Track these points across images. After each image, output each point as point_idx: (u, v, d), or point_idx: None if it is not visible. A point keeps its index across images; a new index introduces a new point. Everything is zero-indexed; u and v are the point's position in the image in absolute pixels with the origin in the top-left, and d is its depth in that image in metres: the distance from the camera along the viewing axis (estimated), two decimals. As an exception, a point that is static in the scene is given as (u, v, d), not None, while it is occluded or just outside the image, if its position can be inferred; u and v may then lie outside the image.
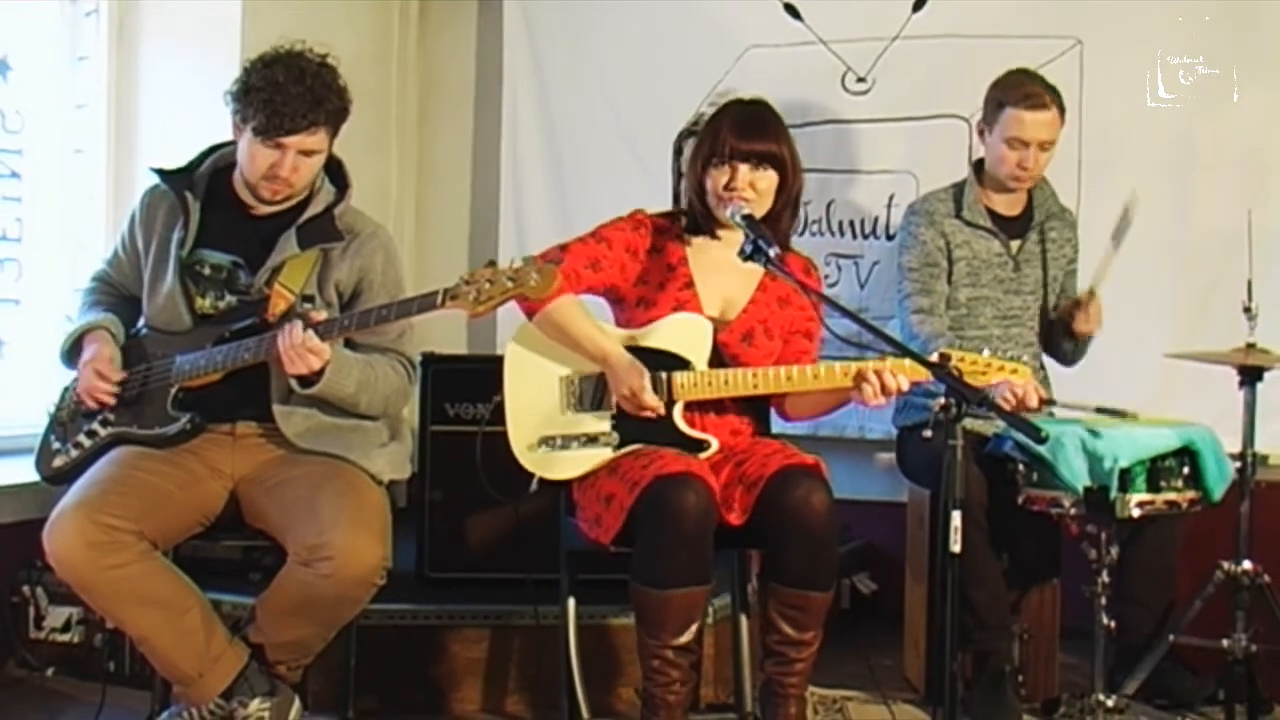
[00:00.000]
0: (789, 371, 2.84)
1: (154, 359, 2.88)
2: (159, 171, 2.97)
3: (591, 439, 2.90)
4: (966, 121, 4.02)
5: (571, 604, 3.01)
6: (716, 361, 2.92)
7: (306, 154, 2.82)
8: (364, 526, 2.69)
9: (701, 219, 3.01)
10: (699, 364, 2.89)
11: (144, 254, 2.96)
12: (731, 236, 2.92)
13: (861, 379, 2.76)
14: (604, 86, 4.54)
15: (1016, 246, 3.57)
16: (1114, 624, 3.11)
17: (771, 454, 2.82)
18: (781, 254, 2.75)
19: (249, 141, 2.80)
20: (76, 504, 2.66)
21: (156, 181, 2.97)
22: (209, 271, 2.90)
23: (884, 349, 2.73)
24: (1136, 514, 3.03)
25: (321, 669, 3.05)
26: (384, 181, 4.72)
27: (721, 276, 2.99)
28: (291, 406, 2.85)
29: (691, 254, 3.02)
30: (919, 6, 4.20)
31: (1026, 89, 3.43)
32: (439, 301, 2.62)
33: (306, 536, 2.67)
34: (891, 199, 4.22)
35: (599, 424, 2.91)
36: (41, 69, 3.88)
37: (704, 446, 2.88)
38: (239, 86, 2.81)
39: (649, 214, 3.07)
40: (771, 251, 2.68)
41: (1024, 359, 3.42)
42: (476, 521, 3.56)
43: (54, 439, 2.97)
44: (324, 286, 2.88)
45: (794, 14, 4.30)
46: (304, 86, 2.76)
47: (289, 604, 2.73)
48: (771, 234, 2.83)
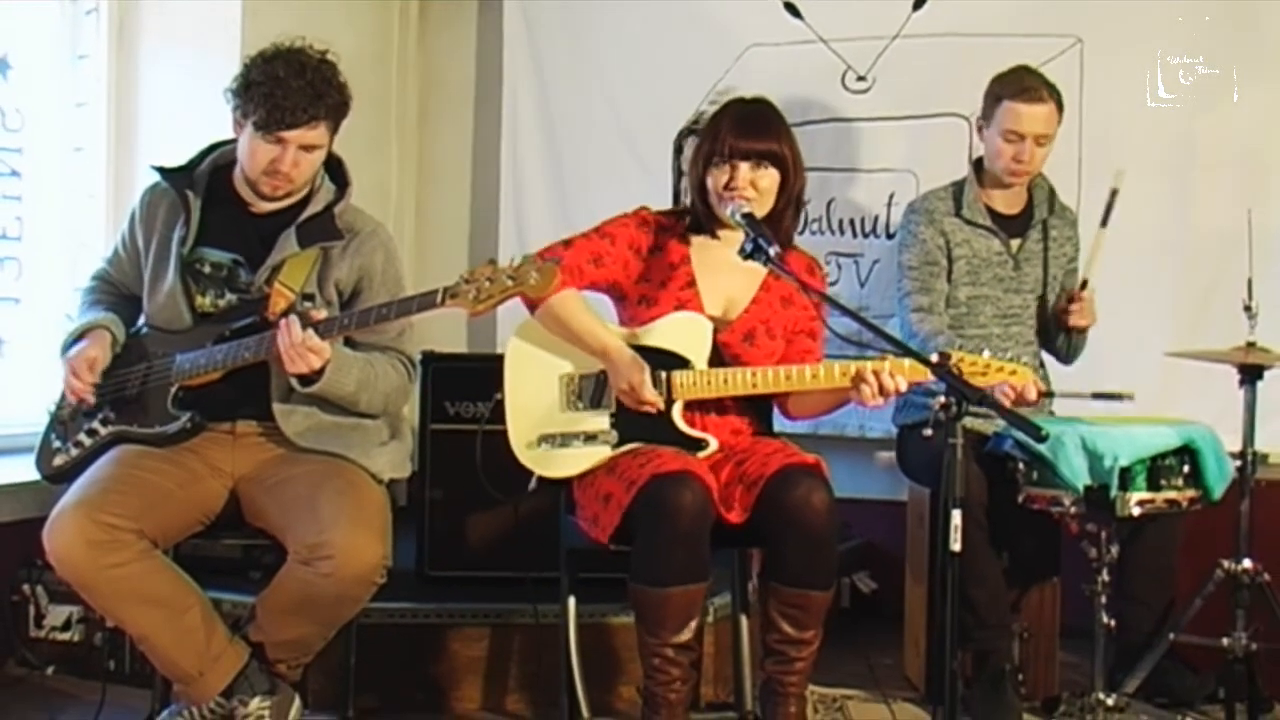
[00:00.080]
0: (788, 371, 2.84)
1: (154, 357, 2.88)
2: (159, 170, 2.96)
3: (591, 437, 2.90)
4: (967, 120, 4.01)
5: (572, 603, 3.02)
6: (717, 361, 2.91)
7: (307, 149, 2.82)
8: (364, 525, 2.69)
9: (703, 218, 3.01)
10: (699, 363, 2.89)
11: (144, 252, 2.96)
12: (733, 236, 2.90)
13: (860, 380, 2.75)
14: (604, 86, 4.54)
15: (1016, 245, 3.57)
16: (1114, 622, 3.11)
17: (772, 453, 2.82)
18: (783, 253, 2.75)
19: (250, 136, 2.80)
20: (77, 503, 2.66)
21: (157, 180, 2.97)
22: (209, 270, 2.90)
23: (884, 348, 2.73)
24: (1136, 512, 3.03)
25: (322, 667, 3.05)
26: (384, 181, 4.71)
27: (724, 276, 2.98)
28: (291, 405, 2.85)
29: (694, 253, 3.01)
30: (919, 5, 4.19)
31: (1024, 83, 3.43)
32: (439, 300, 2.62)
33: (307, 535, 2.67)
34: (892, 198, 4.21)
35: (598, 422, 2.91)
36: (41, 67, 3.87)
37: (703, 445, 2.88)
38: (239, 82, 2.81)
39: (654, 211, 3.07)
40: (772, 250, 2.67)
41: (1024, 359, 3.43)
42: (476, 520, 3.57)
43: (54, 438, 2.97)
44: (324, 285, 2.88)
45: (794, 13, 4.30)
46: (305, 81, 2.76)
47: (289, 603, 2.73)
48: (773, 232, 2.82)
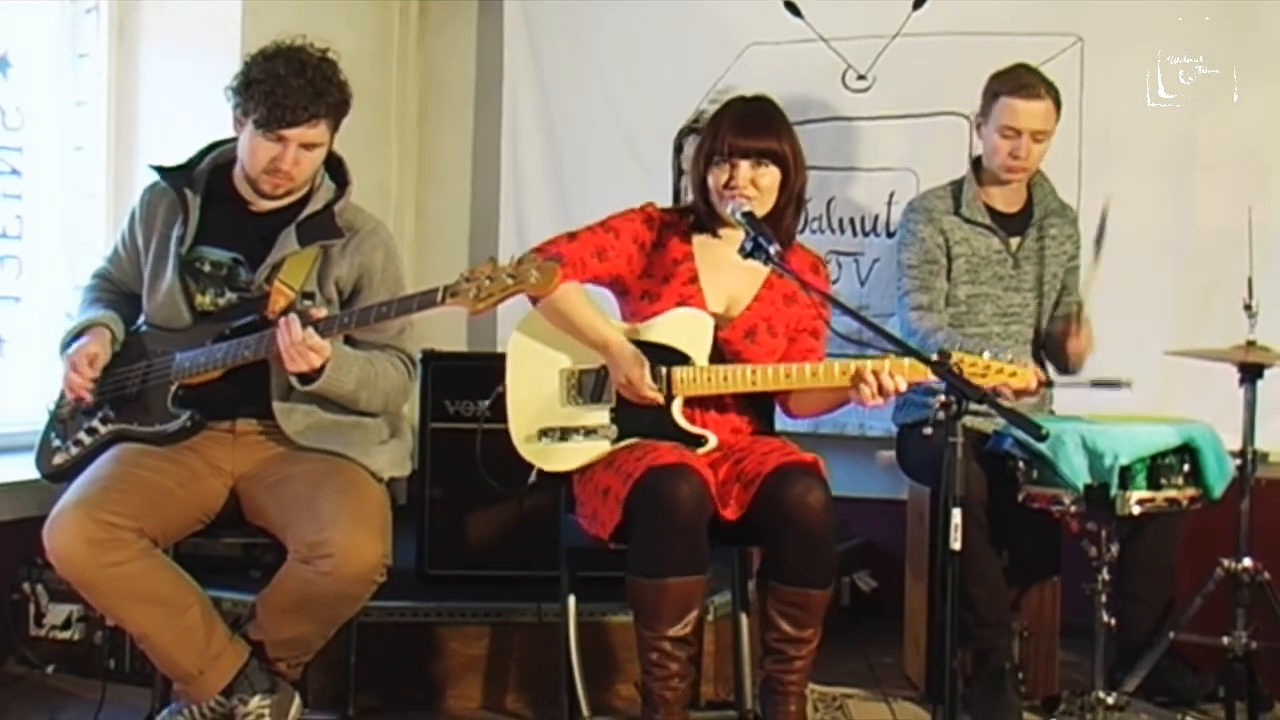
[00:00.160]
0: (787, 369, 2.84)
1: (154, 356, 2.88)
2: (159, 169, 2.96)
3: (590, 431, 2.90)
4: (967, 119, 4.00)
5: (572, 601, 3.02)
6: (718, 358, 2.91)
7: (308, 147, 2.82)
8: (364, 524, 2.69)
9: (705, 217, 3.01)
10: (699, 359, 2.89)
11: (144, 251, 2.96)
12: (735, 234, 2.89)
13: (859, 379, 2.75)
14: (604, 85, 4.53)
15: (1016, 244, 3.56)
16: (1114, 621, 3.11)
17: (769, 452, 2.82)
18: (783, 251, 2.75)
19: (250, 135, 2.80)
20: (76, 501, 2.66)
21: (156, 179, 2.97)
22: (209, 268, 2.89)
23: (885, 346, 2.73)
24: (1137, 511, 3.03)
25: (322, 666, 3.05)
26: (384, 180, 4.71)
27: (727, 273, 2.98)
28: (291, 404, 2.85)
29: (698, 250, 3.01)
30: (919, 4, 4.19)
31: (1021, 79, 3.44)
32: (439, 299, 2.62)
33: (306, 534, 2.66)
34: (892, 196, 4.21)
35: (598, 417, 2.91)
36: (42, 66, 3.87)
37: (702, 442, 2.88)
38: (240, 80, 2.81)
39: (659, 208, 3.07)
40: (772, 249, 2.67)
41: (1024, 357, 3.43)
42: (476, 519, 3.57)
43: (54, 436, 2.97)
44: (324, 283, 2.88)
45: (794, 11, 4.30)
46: (305, 79, 2.76)
47: (289, 601, 2.73)
48: (774, 231, 2.82)
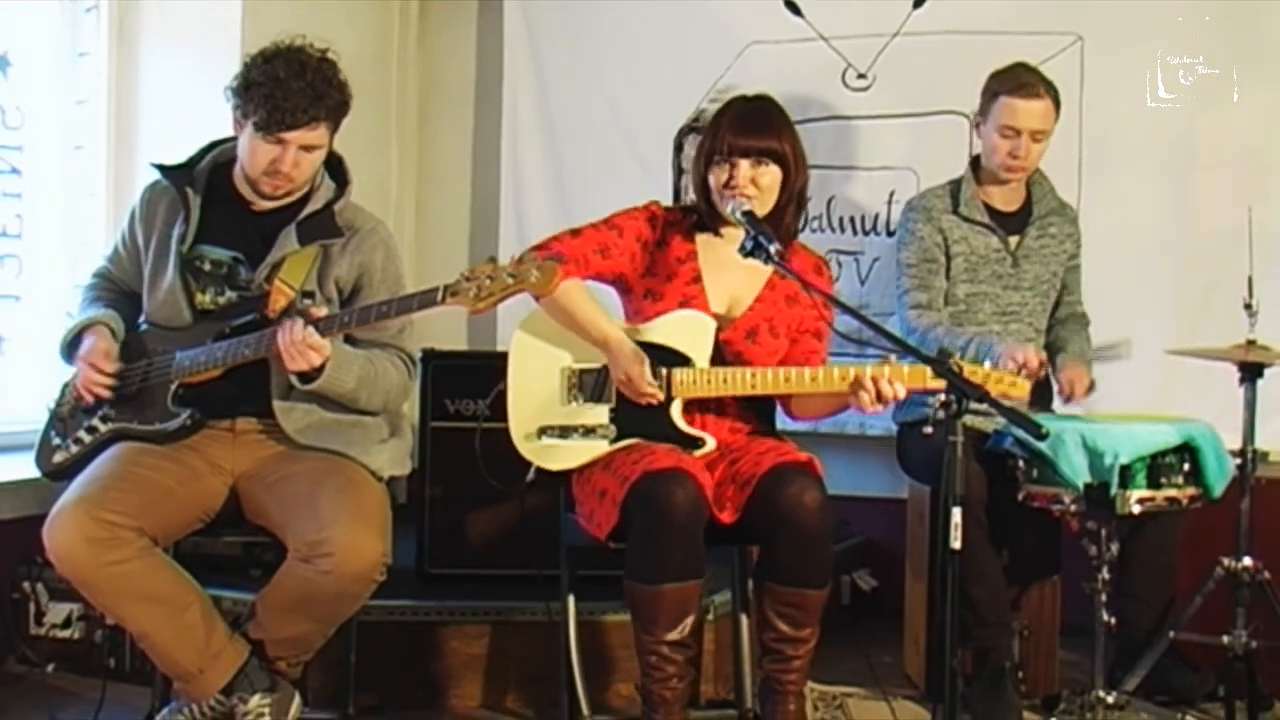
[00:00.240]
0: (787, 373, 2.84)
1: (154, 355, 2.88)
2: (159, 167, 2.96)
3: (589, 430, 2.90)
4: (967, 118, 3.99)
5: (572, 600, 3.02)
6: (719, 358, 2.91)
7: (308, 149, 2.81)
8: (364, 522, 2.69)
9: (706, 216, 3.01)
10: (700, 361, 2.89)
11: (144, 250, 2.96)
12: (737, 234, 2.87)
13: (858, 386, 2.75)
14: (604, 84, 4.53)
15: (1015, 242, 3.56)
16: (1114, 620, 3.11)
17: (765, 452, 2.82)
18: (784, 250, 2.74)
19: (250, 137, 2.80)
20: (77, 500, 2.66)
21: (157, 177, 2.97)
22: (209, 267, 2.89)
23: (885, 345, 2.73)
24: (1137, 510, 3.03)
25: (322, 665, 3.05)
26: (384, 180, 4.71)
27: (729, 273, 2.98)
28: (292, 402, 2.85)
29: (701, 250, 3.01)
30: (919, 3, 4.18)
31: (1021, 78, 3.44)
32: (439, 298, 2.62)
33: (306, 532, 2.67)
34: (892, 195, 4.20)
35: (598, 416, 2.91)
36: (42, 65, 3.87)
37: (700, 444, 2.88)
38: (239, 81, 2.81)
39: (663, 207, 3.07)
40: (772, 248, 2.67)
41: (1029, 346, 3.41)
42: (476, 518, 3.57)
43: (54, 435, 2.97)
44: (324, 282, 2.88)
45: (794, 10, 4.30)
46: (305, 82, 2.75)
47: (289, 600, 2.73)
48: (775, 230, 2.82)
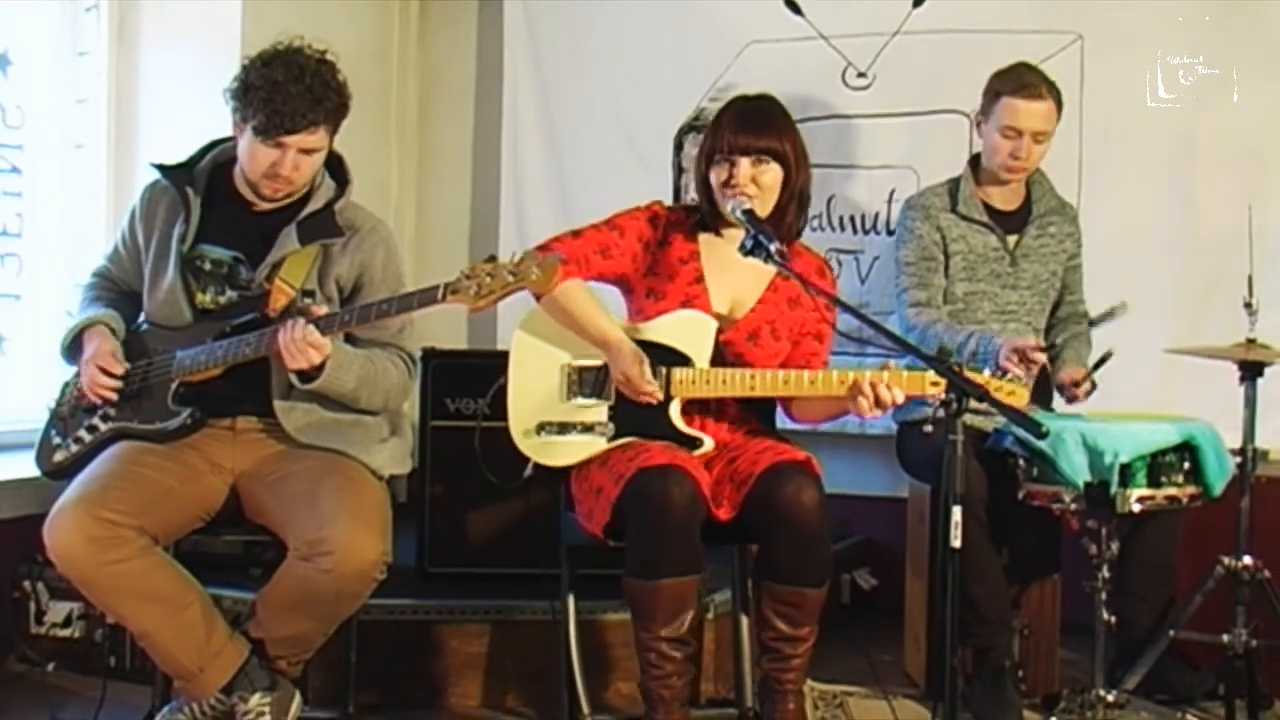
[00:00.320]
0: (785, 376, 2.84)
1: (154, 354, 2.88)
2: (160, 167, 2.96)
3: (588, 427, 2.91)
4: (967, 117, 4.01)
5: (572, 599, 3.02)
6: (720, 360, 2.91)
7: (307, 152, 2.81)
8: (364, 521, 2.69)
9: (708, 216, 3.01)
10: (700, 361, 2.89)
11: (145, 249, 2.95)
12: (739, 234, 2.86)
13: (856, 391, 2.75)
14: (604, 83, 4.53)
15: (1014, 241, 3.56)
16: (1114, 619, 3.11)
17: (763, 450, 2.82)
18: (785, 249, 2.74)
19: (249, 140, 2.80)
20: (77, 499, 2.66)
21: (157, 177, 2.96)
22: (209, 267, 2.89)
23: (886, 345, 2.73)
24: (1137, 509, 3.03)
25: (322, 664, 3.05)
26: (384, 178, 4.71)
27: (732, 274, 2.98)
28: (292, 402, 2.85)
29: (704, 250, 3.01)
30: (919, 2, 4.18)
31: (1024, 79, 3.44)
32: (439, 296, 2.62)
33: (307, 531, 2.67)
34: (892, 194, 4.20)
35: (596, 413, 2.91)
36: (42, 64, 3.87)
37: (697, 444, 2.88)
38: (238, 85, 2.80)
39: (665, 206, 3.07)
40: (772, 247, 2.67)
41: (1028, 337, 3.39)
42: (476, 516, 3.57)
43: (54, 434, 2.97)
44: (324, 282, 2.88)
45: (794, 9, 4.30)
46: (303, 85, 2.75)
47: (289, 599, 2.73)
48: (776, 228, 2.82)
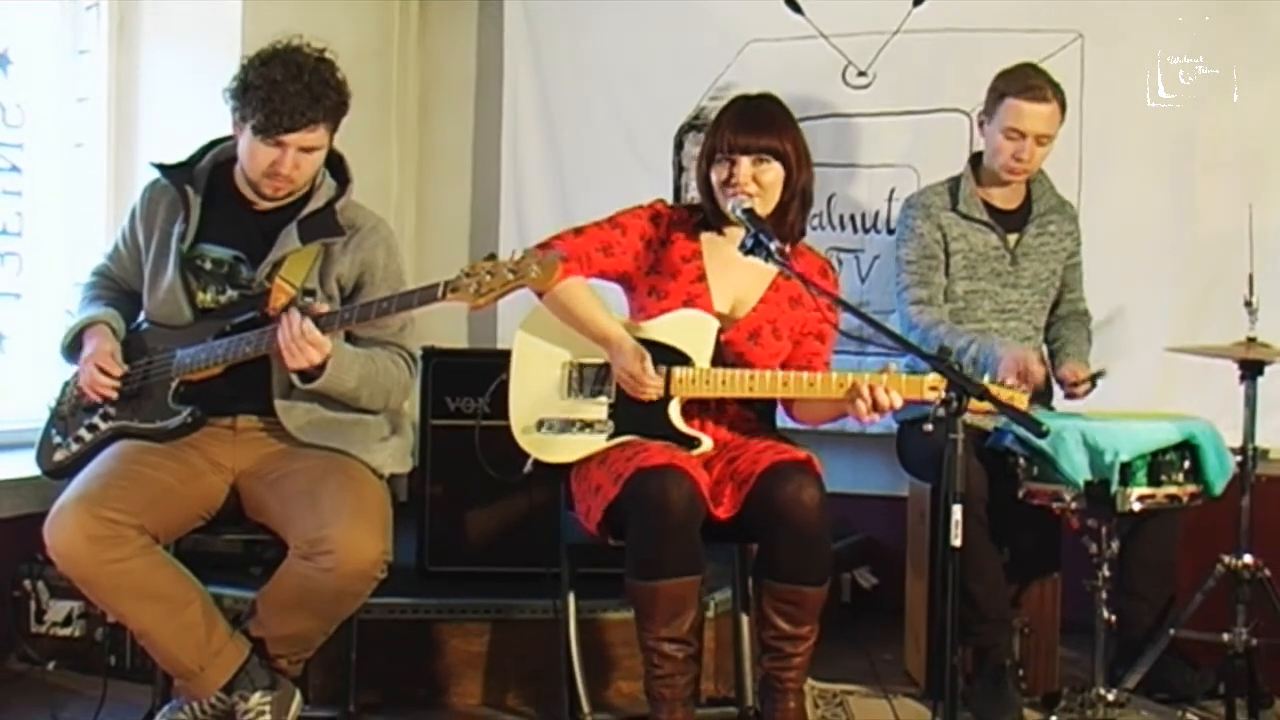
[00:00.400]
0: (785, 378, 2.84)
1: (154, 353, 2.88)
2: (160, 166, 2.96)
3: (587, 425, 2.90)
4: (967, 115, 4.01)
5: (572, 598, 3.02)
6: (720, 359, 2.90)
7: (307, 150, 2.81)
8: (365, 520, 2.69)
9: (710, 215, 3.01)
10: (700, 361, 2.88)
11: (145, 248, 2.95)
12: (740, 233, 2.85)
13: (855, 394, 2.75)
14: (604, 81, 4.53)
15: (1014, 240, 3.56)
16: (1114, 618, 3.11)
17: (763, 450, 2.82)
18: (785, 248, 2.73)
19: (249, 139, 2.80)
20: (77, 498, 2.66)
21: (157, 176, 2.96)
22: (210, 266, 2.89)
23: (887, 344, 2.73)
24: (1137, 508, 3.03)
25: (322, 663, 3.05)
26: (385, 176, 4.71)
27: (734, 273, 2.98)
28: (292, 401, 2.85)
29: (706, 249, 3.01)
30: (920, 1, 4.19)
31: (1029, 81, 3.44)
32: (440, 294, 2.62)
33: (307, 530, 2.67)
34: (892, 193, 4.20)
35: (596, 411, 2.91)
36: (42, 63, 3.87)
37: (696, 443, 2.88)
38: (237, 84, 2.80)
39: (668, 205, 3.07)
40: (772, 245, 2.67)
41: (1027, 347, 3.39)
42: (477, 515, 3.57)
43: (55, 433, 2.97)
44: (325, 281, 2.88)
45: (794, 8, 4.30)
46: (302, 84, 2.75)
47: (290, 598, 2.73)
48: (778, 227, 2.82)
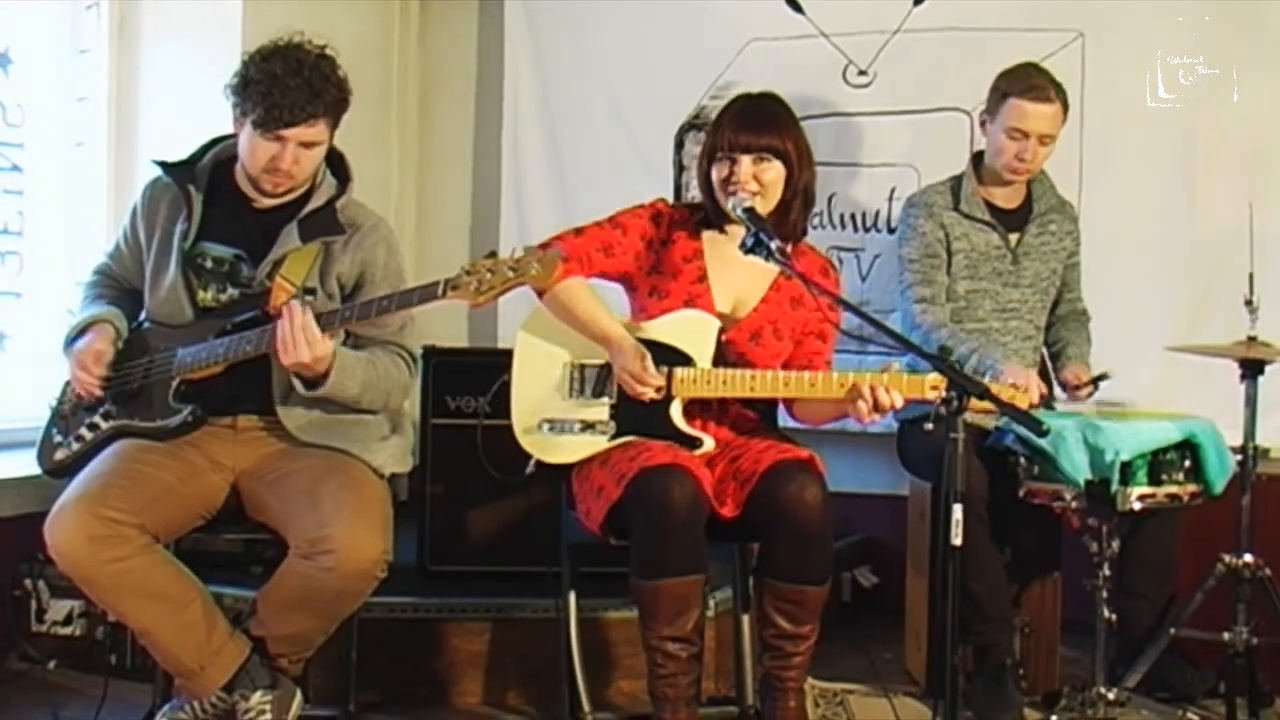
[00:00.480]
0: (786, 378, 2.84)
1: (155, 352, 2.88)
2: (161, 164, 2.96)
3: (589, 425, 2.91)
4: (968, 114, 4.02)
5: (573, 597, 3.02)
6: (721, 359, 2.90)
7: (307, 146, 2.81)
8: (365, 519, 2.69)
9: (711, 214, 3.01)
10: (701, 361, 2.88)
11: (146, 247, 2.95)
12: (741, 232, 2.84)
13: (856, 394, 2.74)
14: (605, 80, 4.53)
15: (1015, 239, 3.56)
16: (1115, 617, 3.11)
17: (765, 449, 2.82)
18: (786, 247, 2.73)
19: (249, 135, 2.80)
20: (78, 497, 2.66)
21: (158, 174, 2.96)
22: (211, 264, 2.89)
23: (888, 343, 2.72)
24: (1137, 507, 3.03)
25: (323, 662, 3.05)
26: (385, 174, 4.71)
27: (735, 273, 2.97)
28: (291, 405, 2.84)
29: (707, 248, 3.01)
30: (920, 0, 4.19)
31: (1032, 80, 3.44)
32: (440, 292, 2.62)
33: (308, 529, 2.67)
34: (893, 192, 4.21)
35: (598, 412, 2.91)
36: (43, 62, 3.87)
37: (698, 444, 2.88)
38: (238, 80, 2.80)
39: (669, 205, 3.07)
40: (773, 244, 2.66)
41: (1024, 354, 3.42)
42: (477, 514, 3.57)
43: (55, 432, 2.97)
44: (325, 279, 2.88)
45: (795, 7, 4.30)
46: (302, 79, 2.75)
47: (290, 597, 2.73)
48: (780, 226, 2.82)
